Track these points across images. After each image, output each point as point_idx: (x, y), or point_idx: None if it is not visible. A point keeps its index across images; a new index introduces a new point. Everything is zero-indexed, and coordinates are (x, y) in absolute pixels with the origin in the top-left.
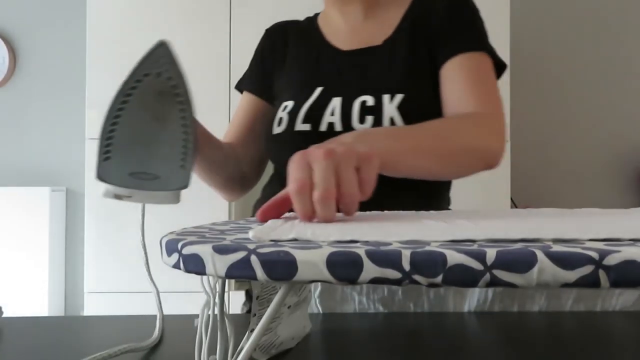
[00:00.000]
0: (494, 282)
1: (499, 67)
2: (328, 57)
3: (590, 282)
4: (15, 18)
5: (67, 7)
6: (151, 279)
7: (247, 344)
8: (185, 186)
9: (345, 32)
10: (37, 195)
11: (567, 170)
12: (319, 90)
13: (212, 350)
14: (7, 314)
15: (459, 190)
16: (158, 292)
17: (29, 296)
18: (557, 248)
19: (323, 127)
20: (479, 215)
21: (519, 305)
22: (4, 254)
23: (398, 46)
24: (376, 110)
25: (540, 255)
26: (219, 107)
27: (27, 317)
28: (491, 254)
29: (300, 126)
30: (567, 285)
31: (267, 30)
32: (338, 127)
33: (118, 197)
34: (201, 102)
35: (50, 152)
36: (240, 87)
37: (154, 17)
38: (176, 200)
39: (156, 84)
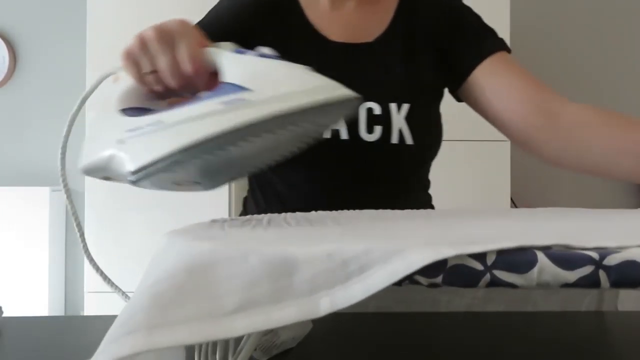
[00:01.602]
0: (494, 283)
1: None
2: (316, 46)
3: (590, 283)
4: (15, 18)
5: (67, 7)
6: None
7: (248, 344)
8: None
9: (331, 17)
10: (37, 195)
11: (567, 170)
12: None
13: (212, 350)
14: (7, 314)
15: (460, 190)
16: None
17: (29, 296)
18: (557, 248)
19: (327, 133)
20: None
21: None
22: (4, 254)
23: (394, 48)
24: (384, 120)
25: (540, 255)
26: None
27: (27, 317)
28: (491, 254)
29: None
30: (567, 285)
31: None
32: (344, 135)
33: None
34: None
35: (50, 152)
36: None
37: (154, 17)
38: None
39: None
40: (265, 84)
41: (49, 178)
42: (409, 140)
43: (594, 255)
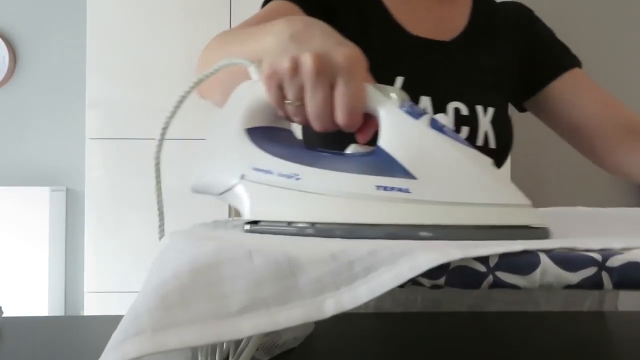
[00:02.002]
0: (497, 284)
1: None
2: (397, 37)
3: (593, 284)
4: (15, 18)
5: (67, 7)
6: None
7: (250, 344)
8: None
9: (409, 10)
10: (37, 195)
11: (567, 170)
12: (399, 80)
13: (214, 350)
14: (7, 314)
15: None
16: None
17: (29, 296)
18: (559, 250)
19: None
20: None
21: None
22: (4, 254)
23: (474, 49)
24: (472, 122)
25: (543, 257)
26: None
27: (27, 317)
28: (494, 255)
29: None
30: (570, 286)
31: None
32: None
33: None
34: (201, 102)
35: (50, 152)
36: None
37: (154, 17)
38: None
39: None
40: (436, 180)
41: (49, 178)
42: (492, 143)
43: (597, 256)
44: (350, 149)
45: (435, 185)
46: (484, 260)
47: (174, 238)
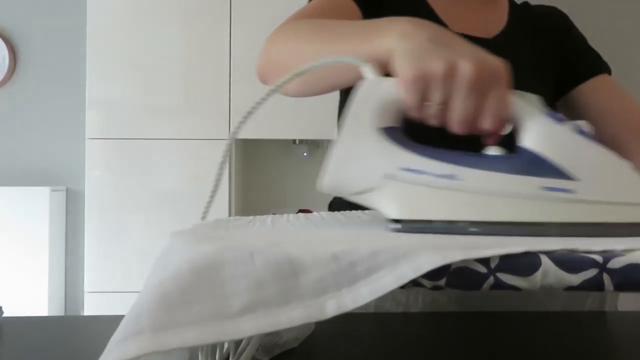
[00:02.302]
0: (498, 285)
1: None
2: None
3: (594, 285)
4: (15, 18)
5: (67, 7)
6: None
7: (250, 344)
8: None
9: (449, 6)
10: (37, 195)
11: None
12: None
13: (215, 350)
14: (7, 314)
15: None
16: None
17: (29, 296)
18: (560, 251)
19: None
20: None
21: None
22: (4, 254)
23: (516, 47)
24: None
25: (544, 258)
26: (219, 107)
27: (27, 317)
28: (495, 257)
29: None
30: (571, 288)
31: None
32: None
33: None
34: (201, 102)
35: (50, 152)
36: None
37: (154, 17)
38: None
39: None
40: (597, 180)
41: (49, 178)
42: None
43: (598, 258)
44: (492, 151)
45: (597, 185)
46: (484, 261)
47: (176, 238)
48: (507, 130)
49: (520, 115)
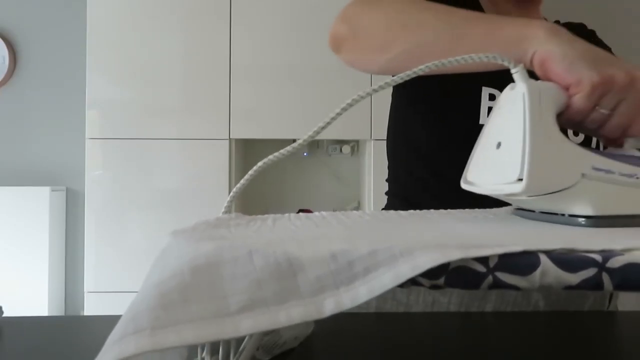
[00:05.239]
0: (497, 285)
1: None
2: None
3: (593, 285)
4: (15, 18)
5: (67, 7)
6: None
7: (250, 343)
8: None
9: (499, 12)
10: (37, 195)
11: None
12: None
13: (214, 349)
14: (7, 313)
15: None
16: None
17: (29, 296)
18: (559, 250)
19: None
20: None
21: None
22: (4, 254)
23: None
24: None
25: (543, 258)
26: (219, 107)
27: (27, 317)
28: (494, 256)
29: None
30: (570, 287)
31: None
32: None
33: None
34: (201, 102)
35: (50, 152)
36: None
37: (154, 17)
38: None
39: None
40: None
41: (49, 178)
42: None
43: (597, 257)
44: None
45: None
46: (483, 260)
47: (176, 237)
48: None
49: None
